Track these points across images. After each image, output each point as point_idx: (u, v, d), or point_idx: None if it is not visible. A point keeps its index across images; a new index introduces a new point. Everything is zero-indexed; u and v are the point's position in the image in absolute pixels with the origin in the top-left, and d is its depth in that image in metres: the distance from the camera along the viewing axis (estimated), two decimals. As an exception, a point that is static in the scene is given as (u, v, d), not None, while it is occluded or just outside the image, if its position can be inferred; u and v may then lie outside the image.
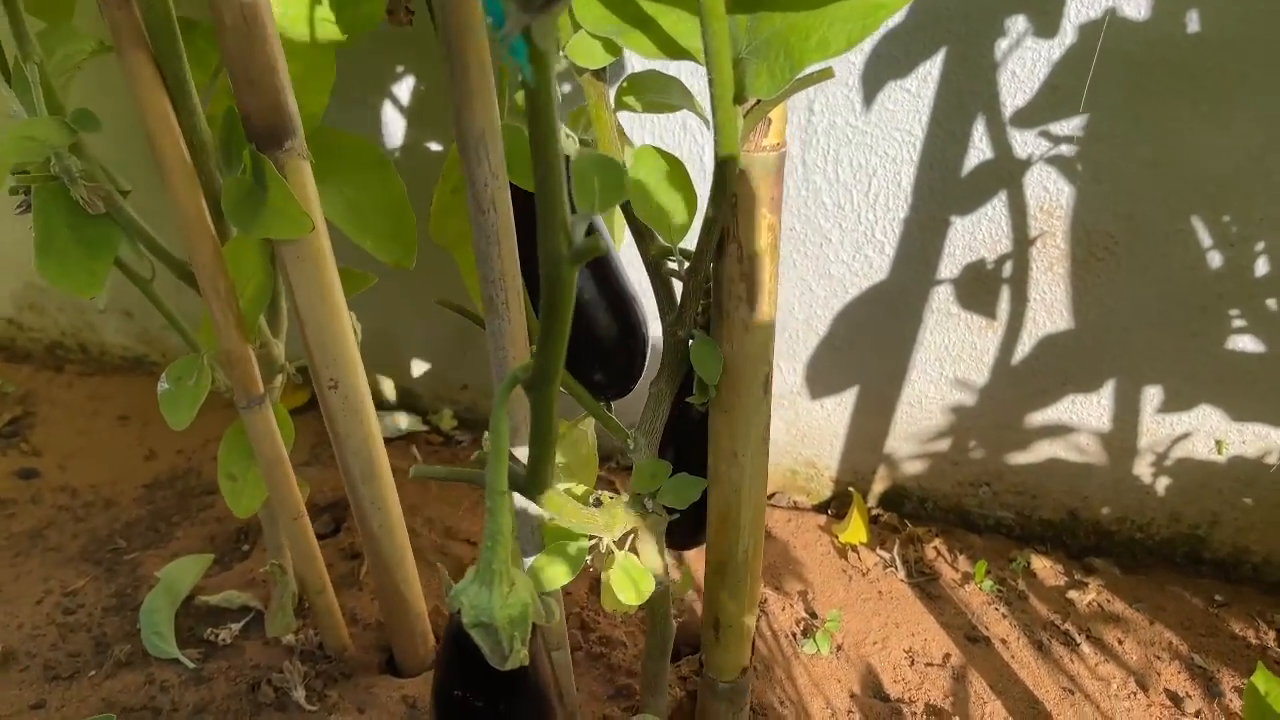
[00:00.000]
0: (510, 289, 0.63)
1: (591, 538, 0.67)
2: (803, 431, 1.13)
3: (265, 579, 0.99)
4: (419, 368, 1.28)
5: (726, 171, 0.57)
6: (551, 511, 0.61)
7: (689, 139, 0.99)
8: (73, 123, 0.65)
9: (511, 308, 0.64)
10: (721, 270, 0.64)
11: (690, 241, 0.63)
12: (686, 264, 0.66)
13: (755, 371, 0.67)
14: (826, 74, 0.56)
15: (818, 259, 1.01)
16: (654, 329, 0.72)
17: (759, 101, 0.57)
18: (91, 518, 1.12)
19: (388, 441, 1.23)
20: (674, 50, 0.56)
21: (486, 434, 0.55)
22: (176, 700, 0.87)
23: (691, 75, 0.83)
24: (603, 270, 0.72)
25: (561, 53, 0.62)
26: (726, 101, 0.54)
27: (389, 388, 1.32)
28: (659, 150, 0.63)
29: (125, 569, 1.04)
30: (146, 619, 0.93)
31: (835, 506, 1.15)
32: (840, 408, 1.09)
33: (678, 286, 0.67)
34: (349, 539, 1.07)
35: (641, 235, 0.68)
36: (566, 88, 0.93)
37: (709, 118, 0.54)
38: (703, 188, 0.56)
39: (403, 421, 1.26)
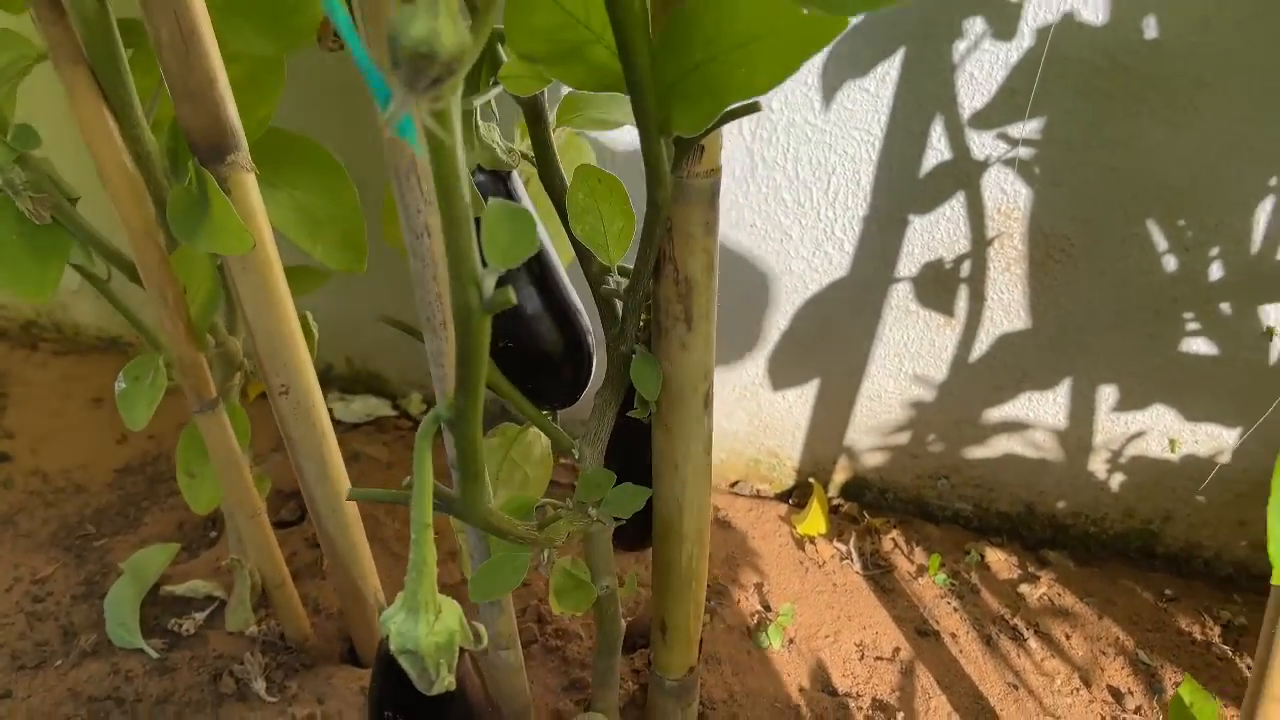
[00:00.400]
0: (447, 309, 0.63)
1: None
2: (765, 422, 1.14)
3: (230, 565, 1.01)
4: (387, 352, 1.29)
5: (659, 199, 0.57)
6: (487, 532, 0.62)
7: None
8: (13, 141, 0.65)
9: (449, 327, 0.64)
10: (659, 291, 0.65)
11: (631, 257, 0.64)
12: (626, 282, 0.66)
13: (695, 388, 0.68)
14: (754, 108, 0.56)
15: (780, 254, 1.01)
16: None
17: (688, 133, 0.57)
18: (62, 503, 1.13)
19: (355, 427, 1.25)
20: (602, 82, 0.56)
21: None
22: (140, 691, 0.89)
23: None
24: (547, 284, 0.72)
25: (492, 79, 0.61)
26: (653, 135, 0.54)
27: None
28: (598, 170, 0.64)
29: (94, 556, 1.05)
30: (111, 609, 0.95)
31: (797, 496, 1.17)
32: (802, 400, 1.10)
33: (620, 303, 0.68)
34: (314, 528, 1.09)
35: (583, 252, 0.68)
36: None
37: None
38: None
39: (370, 406, 1.27)
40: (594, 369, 0.76)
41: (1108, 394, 0.98)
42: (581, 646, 0.95)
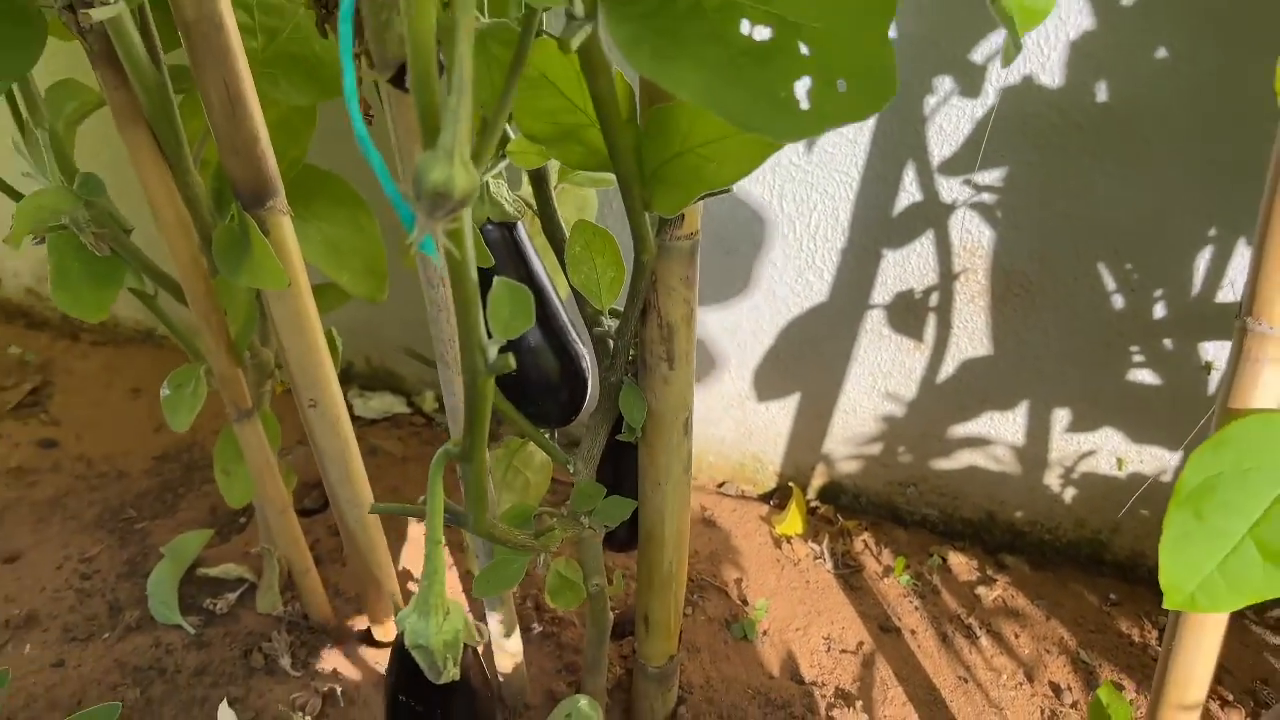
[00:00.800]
0: (458, 346, 0.72)
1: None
2: (750, 430, 1.22)
3: (260, 553, 1.10)
4: (403, 354, 1.37)
5: (644, 260, 0.66)
6: (491, 543, 0.71)
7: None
8: (80, 190, 0.73)
9: (460, 361, 0.72)
10: (645, 334, 0.73)
11: (621, 300, 0.72)
12: (617, 324, 0.74)
13: (675, 417, 0.76)
14: (725, 191, 0.63)
15: (765, 280, 1.09)
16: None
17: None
18: (105, 488, 1.22)
19: (373, 423, 1.34)
20: (597, 163, 0.63)
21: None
22: (180, 663, 0.98)
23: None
24: (546, 317, 0.80)
25: (500, 153, 0.69)
26: (638, 210, 0.62)
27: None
28: (593, 225, 0.72)
29: (136, 538, 1.15)
30: (154, 588, 1.04)
31: (778, 497, 1.25)
32: (784, 411, 1.19)
33: (611, 341, 0.76)
34: (335, 518, 1.18)
35: (579, 296, 0.76)
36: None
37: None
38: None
39: (387, 404, 1.35)
40: (589, 392, 0.84)
41: (1061, 416, 1.06)
42: (575, 633, 1.04)
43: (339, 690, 0.96)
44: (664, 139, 0.59)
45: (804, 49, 0.49)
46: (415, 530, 1.17)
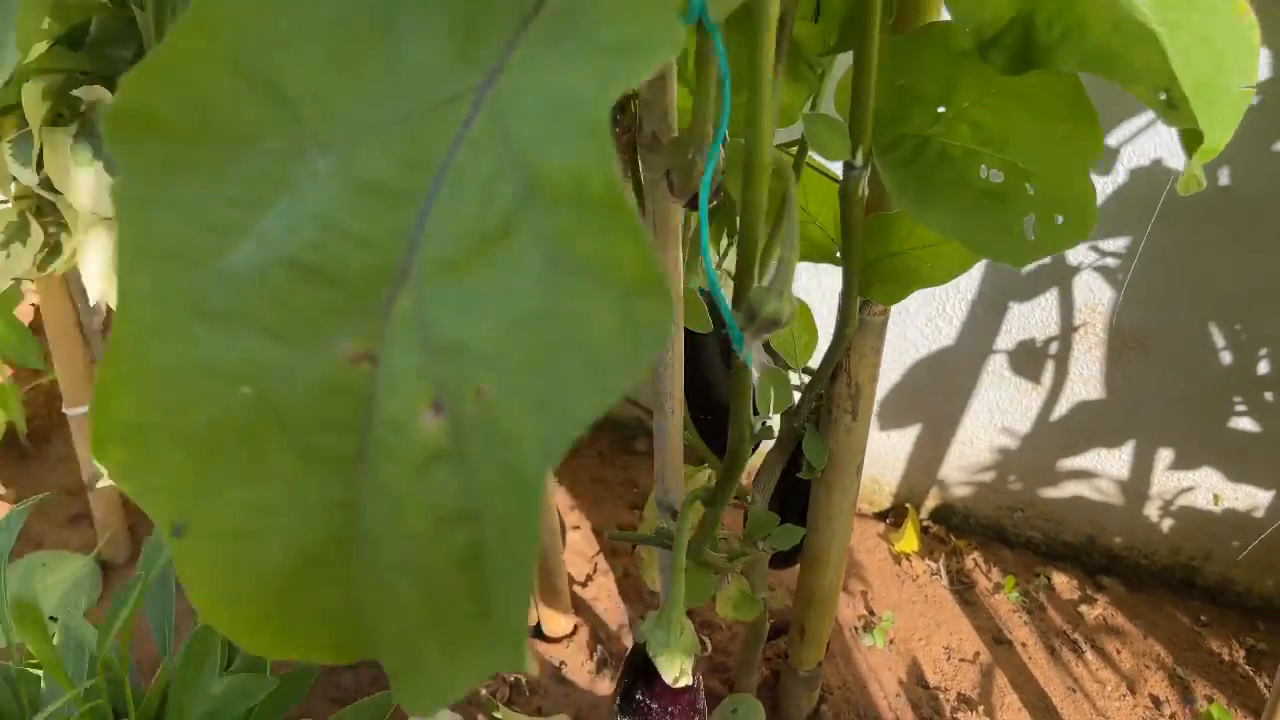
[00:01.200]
0: (676, 398, 0.83)
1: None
2: (871, 454, 1.32)
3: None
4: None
5: (846, 333, 0.76)
6: (702, 565, 0.83)
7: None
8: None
9: (675, 412, 0.84)
10: (833, 390, 0.84)
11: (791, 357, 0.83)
12: (806, 378, 0.86)
13: (852, 461, 0.87)
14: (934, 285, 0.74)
15: (897, 324, 1.19)
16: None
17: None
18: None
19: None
20: (816, 255, 0.75)
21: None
22: (380, 650, 1.11)
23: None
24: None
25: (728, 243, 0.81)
26: (852, 295, 0.73)
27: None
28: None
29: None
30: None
31: (893, 516, 1.36)
32: (904, 439, 1.29)
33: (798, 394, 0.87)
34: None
35: (774, 354, 0.88)
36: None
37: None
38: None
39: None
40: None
41: (1164, 455, 1.16)
42: (723, 636, 1.15)
43: (522, 680, 1.08)
44: (885, 241, 0.70)
45: (1029, 189, 0.61)
46: (570, 537, 1.29)
